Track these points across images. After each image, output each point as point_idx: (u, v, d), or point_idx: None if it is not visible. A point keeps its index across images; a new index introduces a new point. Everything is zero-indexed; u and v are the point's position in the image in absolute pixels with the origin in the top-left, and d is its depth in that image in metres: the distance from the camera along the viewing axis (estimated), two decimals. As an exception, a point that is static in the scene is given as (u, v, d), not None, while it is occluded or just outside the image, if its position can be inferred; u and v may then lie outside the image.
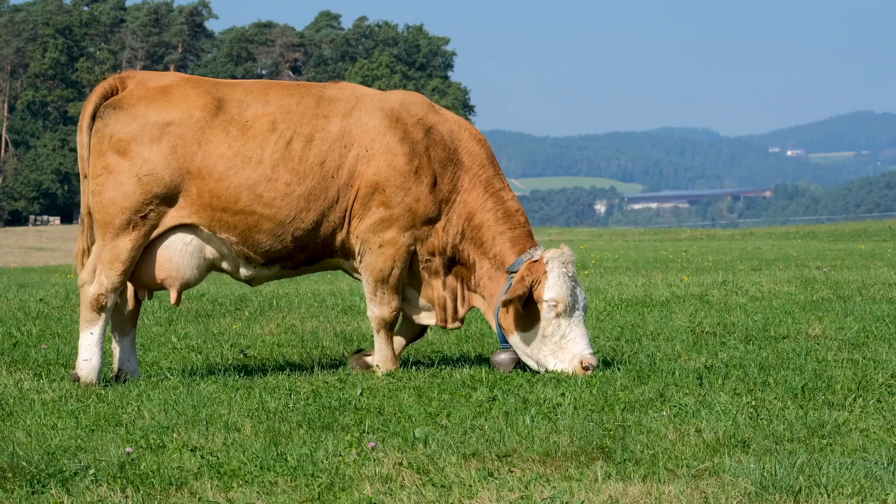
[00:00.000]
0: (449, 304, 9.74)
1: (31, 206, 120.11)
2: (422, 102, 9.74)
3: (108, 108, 9.39)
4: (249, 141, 9.32)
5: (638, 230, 79.25)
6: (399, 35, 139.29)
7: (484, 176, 9.71)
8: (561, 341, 9.38)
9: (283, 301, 16.31)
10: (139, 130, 9.29)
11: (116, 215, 9.27)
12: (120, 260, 9.29)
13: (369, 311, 9.64)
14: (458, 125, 9.79)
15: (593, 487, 6.01)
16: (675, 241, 52.85)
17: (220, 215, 9.32)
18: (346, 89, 9.72)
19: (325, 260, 9.69)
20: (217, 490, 6.13)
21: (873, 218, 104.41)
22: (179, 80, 9.57)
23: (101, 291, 9.31)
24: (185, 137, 9.30)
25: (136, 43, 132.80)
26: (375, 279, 9.54)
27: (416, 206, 9.46)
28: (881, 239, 47.31)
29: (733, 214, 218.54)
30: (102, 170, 9.33)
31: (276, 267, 9.60)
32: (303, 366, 10.24)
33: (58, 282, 23.93)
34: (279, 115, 9.41)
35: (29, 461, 6.49)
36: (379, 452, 6.74)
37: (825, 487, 5.89)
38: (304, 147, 9.36)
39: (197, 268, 9.49)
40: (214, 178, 9.28)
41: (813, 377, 8.85)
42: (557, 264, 9.43)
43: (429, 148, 9.55)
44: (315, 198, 9.36)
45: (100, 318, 9.35)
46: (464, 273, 9.75)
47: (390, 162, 9.42)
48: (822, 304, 14.57)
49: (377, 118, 9.49)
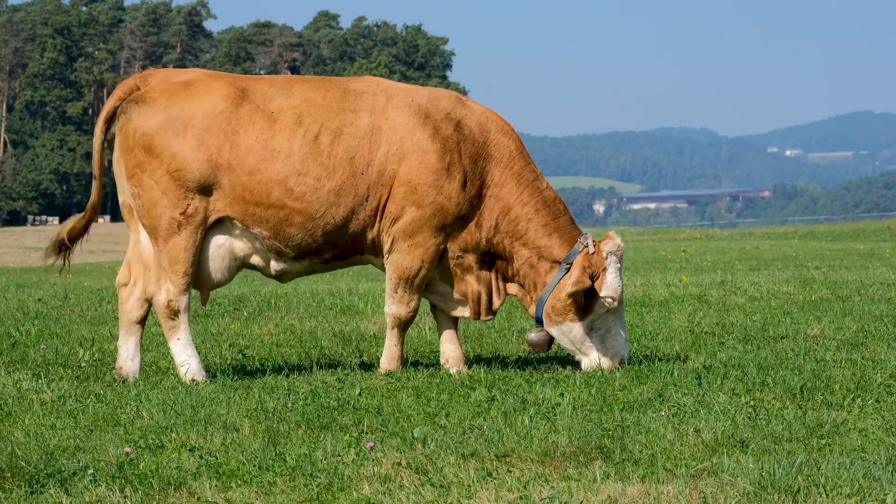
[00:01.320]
0: (483, 298, 9.68)
1: (29, 206, 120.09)
2: (449, 96, 9.65)
3: (131, 104, 9.35)
4: (277, 134, 9.26)
5: (636, 230, 79.22)
6: (398, 35, 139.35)
7: (515, 168, 9.61)
8: (605, 335, 9.45)
9: (281, 301, 16.31)
10: (163, 124, 9.25)
11: (161, 216, 9.25)
12: (178, 261, 9.27)
13: (387, 307, 9.60)
14: (486, 117, 9.67)
15: (592, 487, 6.01)
16: (673, 241, 52.85)
17: (252, 209, 9.28)
18: (370, 83, 9.62)
19: (355, 256, 9.64)
20: (216, 490, 6.13)
21: (872, 218, 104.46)
22: (202, 75, 9.55)
23: (171, 297, 9.31)
24: (211, 129, 9.25)
25: (135, 43, 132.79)
26: (399, 276, 9.48)
27: (447, 203, 9.38)
28: (880, 239, 47.31)
29: (732, 214, 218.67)
30: (135, 168, 9.30)
31: (307, 261, 9.54)
32: (301, 366, 10.23)
33: (56, 282, 23.92)
34: (305, 108, 9.34)
35: (28, 461, 6.49)
36: (378, 452, 6.74)
37: (824, 487, 5.89)
38: (333, 141, 9.29)
39: (227, 270, 9.49)
40: (246, 172, 9.24)
41: (811, 377, 8.85)
42: (615, 259, 9.37)
43: (460, 143, 9.46)
44: (345, 194, 9.29)
45: (180, 323, 9.36)
46: (500, 265, 9.67)
47: (422, 160, 9.33)
48: (821, 304, 14.57)
49: (406, 115, 9.40)
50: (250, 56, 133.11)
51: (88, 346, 11.50)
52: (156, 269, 9.37)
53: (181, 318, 9.35)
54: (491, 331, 12.42)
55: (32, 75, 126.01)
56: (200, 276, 9.44)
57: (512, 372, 9.45)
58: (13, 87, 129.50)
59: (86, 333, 12.66)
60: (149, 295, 9.40)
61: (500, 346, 11.40)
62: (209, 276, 9.45)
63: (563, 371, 9.55)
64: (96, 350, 11.30)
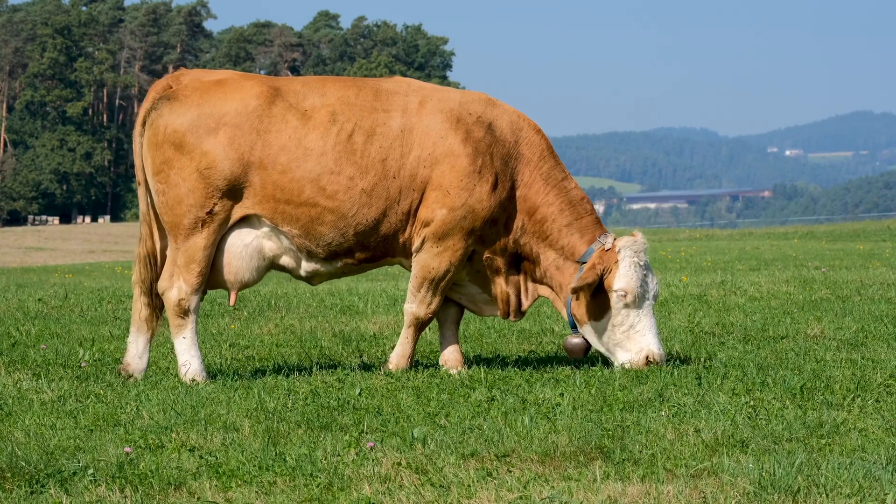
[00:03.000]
0: (512, 299, 9.66)
1: (29, 206, 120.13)
2: (479, 99, 9.61)
3: (163, 100, 9.32)
4: (310, 132, 9.24)
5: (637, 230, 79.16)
6: (398, 35, 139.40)
7: (544, 168, 9.58)
8: (629, 332, 9.37)
9: (281, 301, 16.31)
10: (194, 121, 9.22)
11: (184, 214, 9.22)
12: (195, 261, 9.26)
13: (407, 304, 9.57)
14: (517, 116, 9.65)
15: (592, 487, 6.01)
16: (673, 241, 52.86)
17: (283, 207, 9.25)
18: (402, 83, 9.59)
19: (386, 258, 9.61)
20: (216, 490, 6.13)
21: (872, 218, 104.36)
22: (234, 74, 9.55)
23: (182, 296, 9.29)
24: (243, 127, 9.22)
25: (135, 43, 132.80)
26: (425, 277, 9.44)
27: (479, 206, 9.34)
28: (880, 239, 47.30)
29: (732, 214, 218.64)
30: (163, 165, 9.26)
31: (338, 263, 9.49)
32: (301, 366, 10.23)
33: (56, 282, 23.92)
34: (339, 107, 9.31)
35: (28, 461, 6.49)
36: (378, 452, 6.73)
37: (824, 487, 5.89)
38: (366, 141, 9.26)
39: (256, 269, 9.45)
40: (278, 170, 9.21)
41: (811, 377, 8.85)
42: (629, 253, 9.36)
43: (491, 146, 9.42)
44: (377, 195, 9.26)
45: (188, 322, 9.34)
46: (527, 266, 9.65)
47: (453, 164, 9.30)
48: (821, 304, 14.58)
49: (438, 120, 9.37)
50: (250, 56, 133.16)
51: (88, 346, 11.50)
52: (169, 265, 9.36)
53: (190, 317, 9.34)
54: (491, 331, 12.42)
55: (32, 75, 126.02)
56: (228, 276, 9.40)
57: (512, 372, 9.44)
58: (13, 87, 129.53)
59: (86, 333, 12.66)
60: (160, 291, 9.40)
61: (500, 346, 11.40)
62: (236, 275, 9.40)
63: (563, 371, 9.54)
64: (96, 350, 11.30)
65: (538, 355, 10.73)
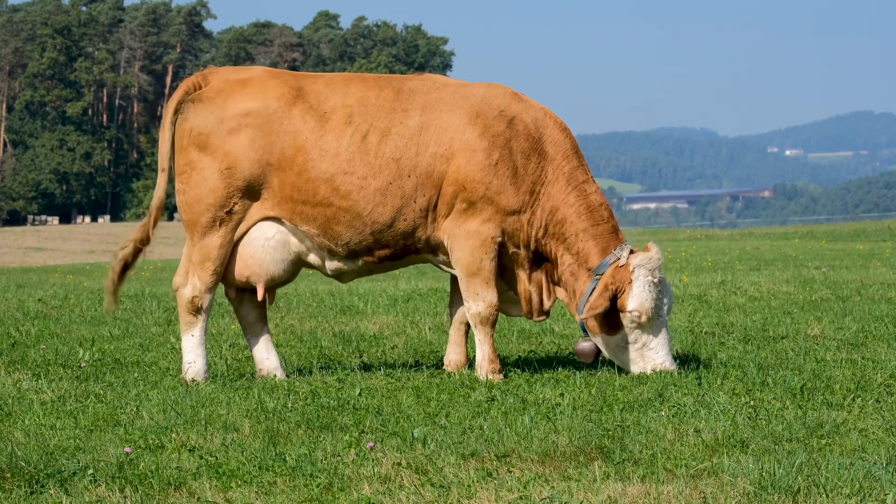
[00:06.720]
0: (535, 298, 9.60)
1: (29, 206, 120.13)
2: (503, 93, 9.56)
3: (188, 103, 9.41)
4: (327, 133, 9.28)
5: (637, 230, 79.26)
6: (398, 35, 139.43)
7: (567, 167, 9.53)
8: (643, 350, 9.27)
9: (281, 301, 16.31)
10: (217, 123, 9.30)
11: (202, 213, 9.29)
12: (210, 259, 9.32)
13: (466, 308, 9.48)
14: (543, 113, 9.61)
15: (592, 487, 6.01)
16: (673, 241, 52.86)
17: (300, 207, 9.30)
18: (427, 81, 9.57)
19: (410, 256, 9.58)
20: (216, 490, 6.13)
21: (872, 218, 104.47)
22: (262, 73, 9.58)
23: (196, 293, 9.35)
24: (263, 129, 9.28)
25: (135, 43, 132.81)
26: (464, 273, 9.39)
27: (497, 198, 9.30)
28: (880, 239, 47.32)
29: (732, 214, 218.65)
30: (186, 166, 9.37)
31: (360, 261, 9.49)
32: (301, 366, 10.23)
33: (56, 282, 23.93)
34: (356, 108, 9.34)
35: (28, 461, 6.49)
36: (378, 452, 6.74)
37: (824, 487, 5.89)
38: (380, 141, 9.27)
39: (282, 262, 9.47)
40: (295, 171, 9.26)
41: (812, 377, 8.85)
42: (643, 272, 9.19)
43: (510, 140, 9.37)
44: (392, 194, 9.26)
45: (199, 320, 9.39)
46: (548, 267, 9.60)
47: (469, 158, 9.27)
48: (821, 304, 14.58)
49: (457, 116, 9.35)
50: (250, 56, 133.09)
51: (88, 346, 11.50)
52: (185, 262, 9.45)
53: (201, 316, 9.39)
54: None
55: (32, 75, 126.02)
56: (252, 270, 9.43)
57: (512, 372, 9.44)
58: (13, 87, 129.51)
59: (86, 333, 12.66)
60: (175, 287, 9.47)
61: (500, 346, 11.40)
62: (261, 268, 9.42)
63: (563, 371, 9.54)
64: (96, 350, 11.30)
65: (538, 355, 10.73)
